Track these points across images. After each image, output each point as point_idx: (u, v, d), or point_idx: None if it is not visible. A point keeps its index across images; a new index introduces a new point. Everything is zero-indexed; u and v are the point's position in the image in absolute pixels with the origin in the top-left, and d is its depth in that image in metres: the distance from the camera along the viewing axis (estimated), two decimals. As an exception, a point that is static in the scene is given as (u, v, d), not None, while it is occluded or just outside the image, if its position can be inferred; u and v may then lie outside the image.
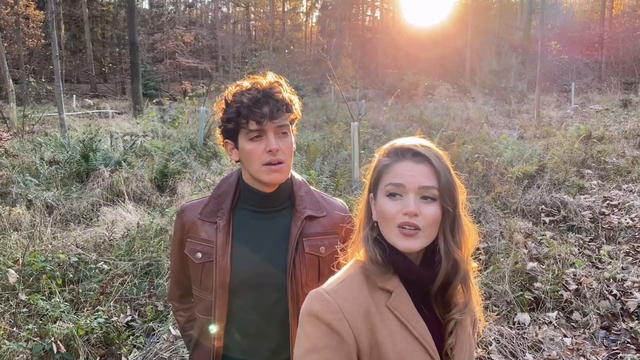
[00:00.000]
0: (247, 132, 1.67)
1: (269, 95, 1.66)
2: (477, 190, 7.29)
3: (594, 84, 28.80)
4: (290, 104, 1.71)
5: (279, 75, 1.78)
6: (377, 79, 39.58)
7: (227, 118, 1.69)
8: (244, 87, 1.70)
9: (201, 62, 42.00)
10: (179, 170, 8.54)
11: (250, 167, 1.71)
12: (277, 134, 1.68)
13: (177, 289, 1.98)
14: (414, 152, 1.28)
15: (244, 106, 1.64)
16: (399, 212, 1.23)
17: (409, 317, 1.25)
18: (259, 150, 1.67)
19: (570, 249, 5.48)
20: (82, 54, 44.39)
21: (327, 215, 1.81)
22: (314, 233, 1.77)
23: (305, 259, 1.73)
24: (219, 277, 1.71)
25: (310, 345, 1.21)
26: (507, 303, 4.44)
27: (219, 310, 1.73)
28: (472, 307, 1.35)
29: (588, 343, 4.03)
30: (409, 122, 16.29)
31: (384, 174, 1.29)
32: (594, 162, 9.48)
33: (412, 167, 1.25)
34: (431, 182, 1.24)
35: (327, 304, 1.23)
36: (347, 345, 1.21)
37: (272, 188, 1.75)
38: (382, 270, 1.27)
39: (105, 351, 3.77)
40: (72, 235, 5.82)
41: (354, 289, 1.27)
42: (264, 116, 1.63)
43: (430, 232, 1.24)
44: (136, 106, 21.24)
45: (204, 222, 1.78)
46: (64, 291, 4.46)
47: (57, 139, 11.14)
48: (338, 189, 7.28)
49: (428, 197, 1.24)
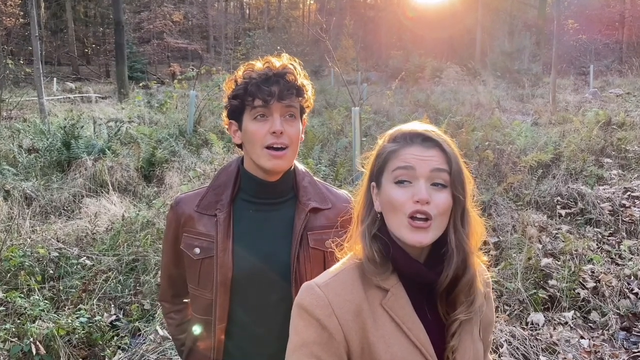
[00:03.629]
0: (252, 110, 1.66)
1: (280, 75, 1.66)
2: (488, 181, 7.28)
3: (614, 66, 28.73)
4: (301, 89, 1.71)
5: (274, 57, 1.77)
6: (380, 60, 39.47)
7: (233, 95, 1.70)
8: (256, 67, 1.70)
9: (191, 43, 41.87)
10: (167, 159, 8.54)
11: (252, 150, 1.69)
12: (284, 116, 1.67)
13: (169, 288, 1.97)
14: (424, 136, 1.27)
15: (252, 83, 1.65)
16: (408, 200, 1.22)
17: (405, 319, 1.25)
18: (262, 131, 1.66)
19: (588, 244, 5.47)
20: (64, 34, 44.20)
21: (332, 208, 1.80)
22: (319, 226, 1.76)
23: (310, 254, 1.73)
24: (220, 274, 1.71)
25: (299, 340, 1.22)
26: (520, 302, 4.44)
27: (220, 309, 1.72)
28: (480, 306, 1.34)
29: (607, 345, 4.03)
30: (414, 107, 16.26)
31: (391, 160, 1.27)
32: (614, 151, 9.46)
33: (421, 151, 1.25)
34: (442, 166, 1.23)
35: (317, 298, 1.24)
36: (336, 342, 1.21)
37: (275, 177, 1.74)
38: (380, 269, 1.27)
39: (88, 352, 3.78)
40: (52, 228, 5.82)
41: (346, 284, 1.27)
42: (272, 95, 1.63)
43: (441, 222, 1.23)
44: (121, 90, 21.20)
45: (202, 215, 1.77)
46: (44, 288, 4.47)
47: (36, 125, 11.10)
48: (338, 179, 7.27)
49: (439, 183, 1.23)
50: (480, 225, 1.32)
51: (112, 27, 30.55)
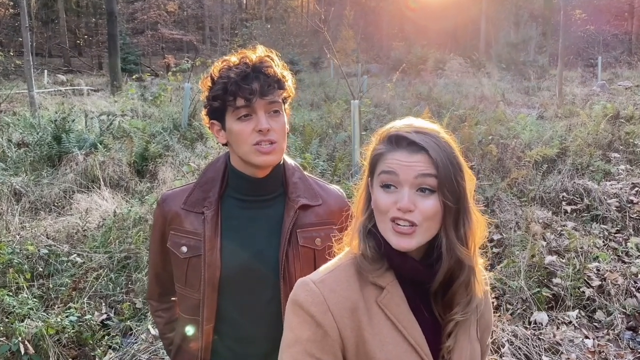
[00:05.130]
0: (235, 111, 1.65)
1: (258, 70, 1.65)
2: (491, 176, 7.28)
3: (623, 57, 28.73)
4: (282, 80, 1.70)
5: (273, 48, 1.77)
6: (382, 52, 39.45)
7: (212, 96, 1.68)
8: (232, 62, 1.69)
9: (186, 34, 41.79)
10: (161, 154, 8.52)
11: (239, 150, 1.69)
12: (268, 112, 1.67)
13: (156, 287, 1.97)
14: (408, 140, 1.25)
15: (231, 82, 1.63)
16: (392, 205, 1.23)
17: (400, 317, 1.25)
18: (247, 130, 1.65)
19: (594, 241, 5.47)
20: (55, 25, 44.12)
21: (323, 204, 1.80)
22: (309, 223, 1.77)
23: (300, 252, 1.73)
24: (207, 273, 1.71)
25: (293, 337, 1.23)
26: (523, 301, 4.44)
27: (208, 309, 1.73)
28: (477, 306, 1.34)
29: (612, 345, 4.03)
30: (416, 100, 16.26)
31: (378, 163, 1.28)
32: (622, 145, 9.44)
33: (406, 157, 1.23)
34: (428, 171, 1.22)
35: (312, 294, 1.24)
36: (331, 340, 1.21)
37: (264, 173, 1.74)
38: (375, 265, 1.27)
39: (78, 352, 3.78)
40: (42, 224, 5.82)
41: (342, 281, 1.28)
42: (253, 92, 1.62)
43: (428, 227, 1.23)
44: (114, 82, 21.17)
45: (189, 213, 1.77)
46: (33, 286, 4.47)
47: (26, 119, 11.11)
48: (336, 175, 7.27)
49: (426, 188, 1.22)
50: (482, 224, 1.32)
51: (104, 18, 30.46)
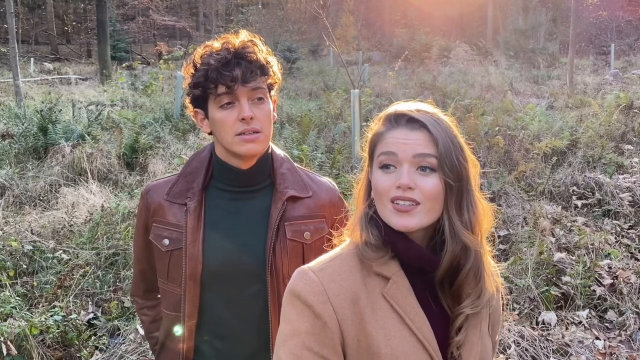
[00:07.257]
0: (217, 98, 1.65)
1: (240, 56, 1.66)
2: (498, 169, 7.26)
3: (638, 45, 28.68)
4: (266, 66, 1.70)
5: (270, 35, 1.75)
6: (384, 39, 39.37)
7: (194, 83, 1.69)
8: (214, 48, 1.69)
9: (179, 20, 41.70)
10: (152, 145, 8.55)
11: (223, 139, 1.69)
12: (252, 99, 1.67)
13: (141, 283, 1.97)
14: (408, 117, 1.26)
15: (212, 69, 1.64)
16: (392, 185, 1.22)
17: (407, 309, 1.24)
18: (230, 118, 1.65)
19: (606, 238, 5.47)
20: (42, 11, 44.02)
21: (312, 196, 1.80)
22: (298, 216, 1.76)
23: (287, 245, 1.73)
24: (189, 266, 1.71)
25: (290, 330, 1.21)
26: (530, 300, 4.44)
27: (189, 305, 1.73)
28: (488, 300, 1.32)
29: (624, 346, 4.03)
30: (419, 90, 16.23)
31: (377, 144, 1.29)
32: (636, 137, 9.44)
33: (405, 134, 1.24)
34: (428, 149, 1.22)
35: (311, 284, 1.23)
36: (330, 332, 1.20)
37: (249, 163, 1.73)
38: (378, 253, 1.26)
39: (63, 353, 3.78)
40: (26, 219, 5.82)
41: (343, 271, 1.27)
42: (235, 79, 1.62)
43: (430, 206, 1.22)
44: (103, 71, 21.23)
45: (172, 204, 1.77)
46: (16, 284, 4.47)
47: (11, 109, 11.12)
48: (335, 167, 7.26)
49: (426, 167, 1.22)
50: (487, 213, 1.31)
51: (93, 4, 30.39)
